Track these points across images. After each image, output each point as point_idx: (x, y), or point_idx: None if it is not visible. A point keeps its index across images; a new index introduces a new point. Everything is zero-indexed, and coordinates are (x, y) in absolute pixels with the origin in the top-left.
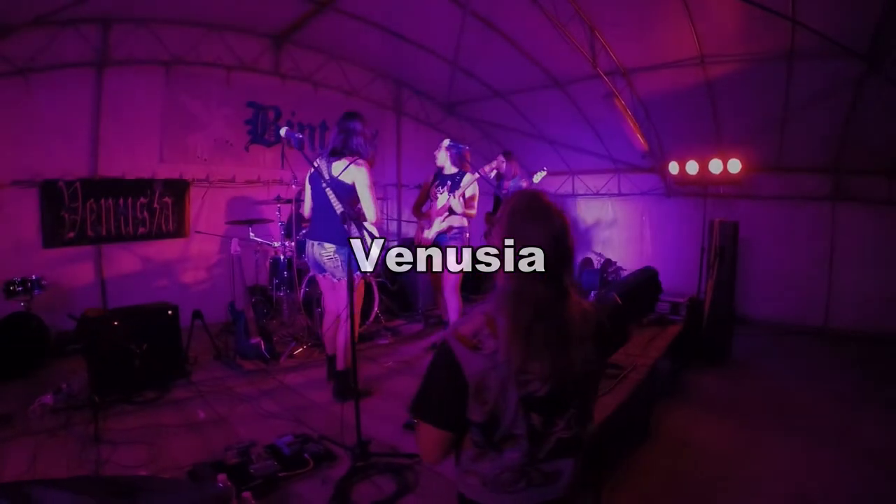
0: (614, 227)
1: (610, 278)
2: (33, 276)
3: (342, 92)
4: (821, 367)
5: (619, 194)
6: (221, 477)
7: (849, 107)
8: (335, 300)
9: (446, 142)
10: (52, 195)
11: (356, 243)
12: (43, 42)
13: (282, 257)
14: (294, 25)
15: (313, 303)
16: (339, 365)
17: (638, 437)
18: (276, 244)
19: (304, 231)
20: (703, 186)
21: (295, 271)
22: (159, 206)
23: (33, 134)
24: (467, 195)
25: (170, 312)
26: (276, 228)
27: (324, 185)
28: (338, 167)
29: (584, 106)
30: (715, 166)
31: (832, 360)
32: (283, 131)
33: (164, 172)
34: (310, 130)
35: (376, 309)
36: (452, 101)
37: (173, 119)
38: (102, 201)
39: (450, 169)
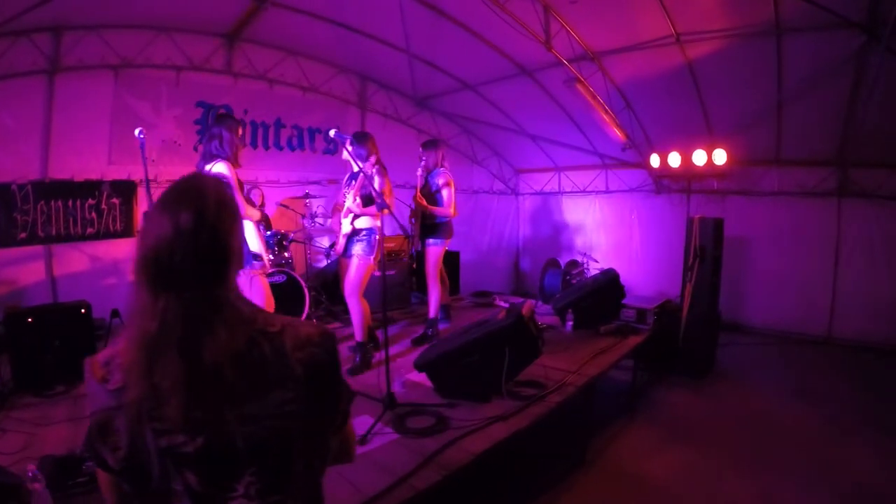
0: (601, 227)
1: (574, 281)
2: None
3: (300, 88)
4: (817, 384)
5: (607, 191)
6: (31, 466)
7: (851, 87)
8: None
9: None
10: (5, 197)
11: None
12: None
13: None
14: (241, 23)
15: None
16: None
17: (569, 467)
18: None
19: None
20: (688, 181)
21: None
22: (107, 206)
23: None
24: (377, 189)
25: (83, 311)
26: None
27: None
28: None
29: (559, 95)
30: (699, 158)
31: (832, 374)
32: (136, 132)
33: (113, 174)
34: (263, 129)
35: (307, 310)
36: (421, 94)
37: (122, 121)
38: (52, 203)
39: (355, 166)
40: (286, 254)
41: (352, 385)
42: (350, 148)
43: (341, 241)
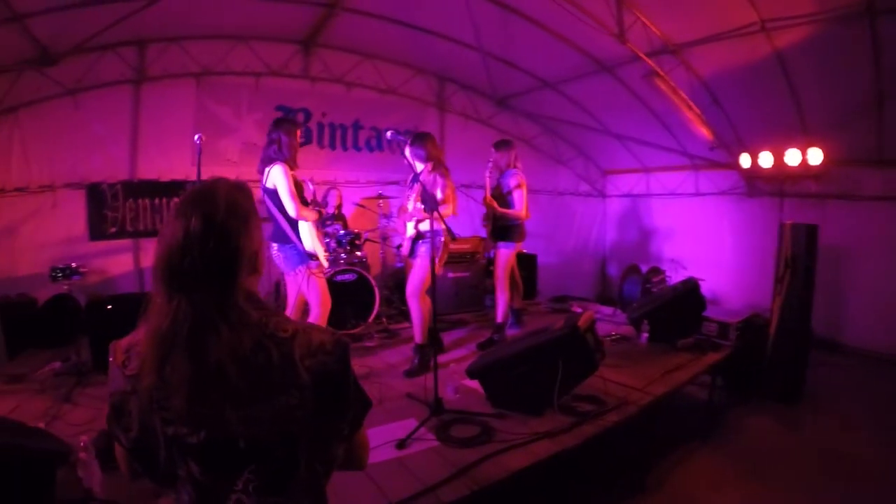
0: (691, 232)
1: (655, 289)
2: (73, 265)
3: (377, 90)
4: None
5: (697, 194)
6: (84, 438)
7: None
8: (292, 293)
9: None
10: (96, 195)
11: (288, 235)
12: (88, 65)
13: None
14: (315, 29)
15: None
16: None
17: (625, 492)
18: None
19: None
20: (781, 182)
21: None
22: None
23: (82, 143)
24: (429, 192)
25: None
26: None
27: (263, 194)
28: (266, 177)
29: (642, 92)
30: (792, 157)
31: None
32: (195, 137)
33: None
34: (342, 130)
35: (376, 310)
36: (501, 94)
37: (204, 125)
38: (140, 201)
39: (418, 167)
40: (358, 253)
41: (407, 388)
42: (409, 150)
43: (406, 243)
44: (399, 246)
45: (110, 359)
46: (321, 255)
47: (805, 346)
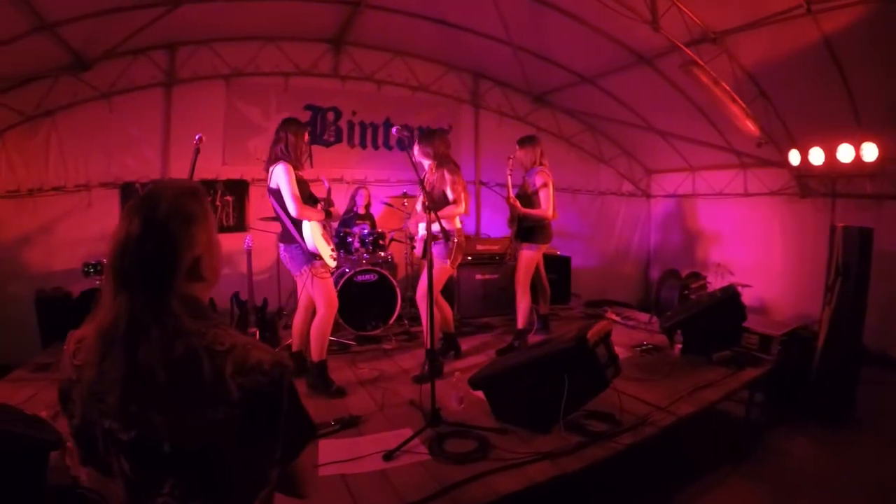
0: (739, 235)
1: (693, 296)
2: (104, 261)
3: (409, 88)
4: None
5: (746, 194)
6: None
7: None
8: (300, 293)
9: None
10: (129, 195)
11: (293, 235)
12: (120, 69)
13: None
14: (343, 28)
15: None
16: (314, 356)
17: None
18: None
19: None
20: (833, 182)
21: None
22: (221, 203)
23: (116, 145)
24: (448, 192)
25: None
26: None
27: (268, 194)
28: (270, 177)
29: (685, 85)
30: (845, 153)
31: None
32: (196, 138)
33: (227, 174)
34: (372, 129)
35: (398, 310)
36: (538, 90)
37: (234, 125)
38: None
39: (426, 166)
40: (382, 253)
41: (413, 395)
42: (417, 148)
43: (419, 245)
44: (413, 247)
45: (65, 346)
46: (326, 254)
47: (856, 362)
